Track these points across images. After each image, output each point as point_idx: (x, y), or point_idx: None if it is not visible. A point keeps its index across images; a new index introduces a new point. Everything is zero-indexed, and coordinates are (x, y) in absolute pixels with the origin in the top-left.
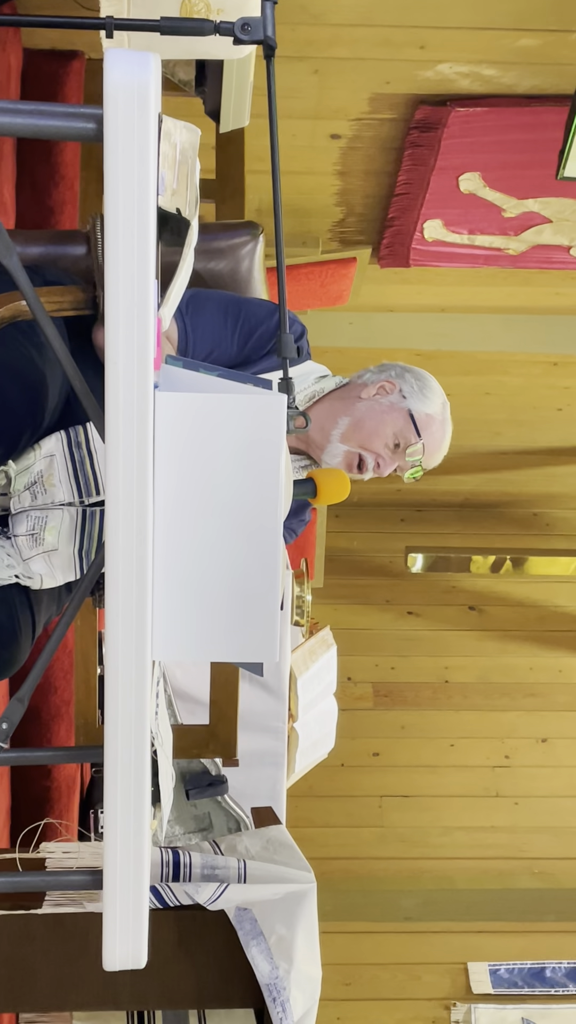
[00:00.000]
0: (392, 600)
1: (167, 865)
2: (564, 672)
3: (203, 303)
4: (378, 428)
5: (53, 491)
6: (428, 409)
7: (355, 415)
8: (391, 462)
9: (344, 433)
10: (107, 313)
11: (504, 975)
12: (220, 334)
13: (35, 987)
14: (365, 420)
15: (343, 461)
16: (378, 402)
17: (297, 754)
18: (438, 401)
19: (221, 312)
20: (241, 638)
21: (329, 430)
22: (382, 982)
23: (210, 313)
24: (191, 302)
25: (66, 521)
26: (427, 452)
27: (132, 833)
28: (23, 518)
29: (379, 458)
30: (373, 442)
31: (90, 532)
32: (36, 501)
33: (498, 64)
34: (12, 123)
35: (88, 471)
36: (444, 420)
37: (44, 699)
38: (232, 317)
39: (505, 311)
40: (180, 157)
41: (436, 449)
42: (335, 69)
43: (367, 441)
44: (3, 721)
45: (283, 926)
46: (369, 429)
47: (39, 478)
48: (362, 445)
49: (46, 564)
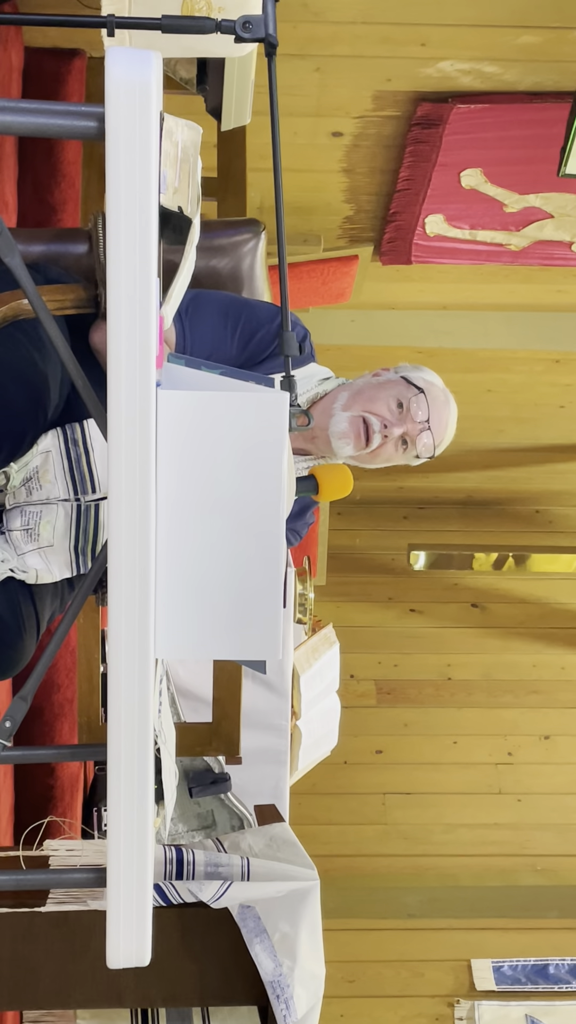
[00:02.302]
0: (395, 597)
1: (171, 863)
2: (567, 669)
3: (203, 305)
4: (378, 392)
5: (48, 487)
6: (426, 376)
7: (353, 388)
8: (398, 424)
9: (345, 403)
10: (109, 311)
11: (507, 972)
12: (219, 336)
13: (39, 985)
14: (364, 388)
15: (350, 428)
16: (376, 378)
17: (300, 751)
18: (436, 377)
19: (221, 314)
20: (244, 636)
21: (330, 407)
22: (385, 979)
23: (209, 315)
24: (191, 304)
25: (61, 517)
26: (432, 412)
27: (136, 831)
28: (18, 513)
29: (384, 420)
30: (375, 404)
31: (85, 528)
32: (31, 496)
33: (499, 61)
34: (14, 122)
35: (84, 468)
36: (445, 391)
37: (47, 697)
38: (232, 319)
39: (507, 308)
40: (182, 155)
41: (442, 412)
42: (336, 67)
43: (369, 404)
44: (6, 719)
45: (286, 923)
46: (369, 394)
47: (35, 473)
48: (365, 408)
49: (42, 559)
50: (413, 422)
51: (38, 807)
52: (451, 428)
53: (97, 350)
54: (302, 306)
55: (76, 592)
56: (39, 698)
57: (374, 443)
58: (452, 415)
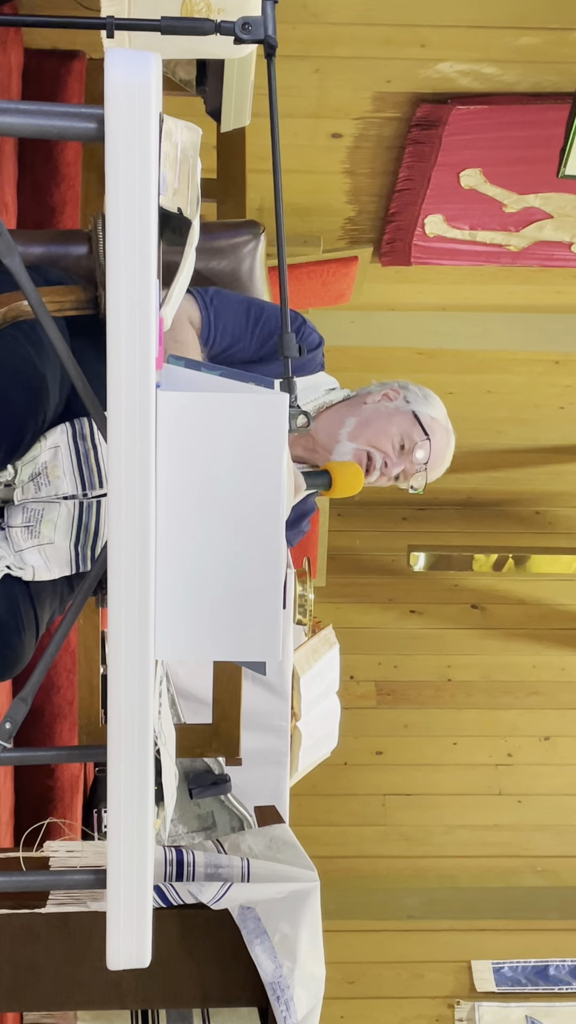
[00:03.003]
0: (394, 599)
1: (171, 864)
2: (567, 670)
3: (229, 298)
4: (385, 427)
5: (57, 483)
6: (433, 413)
7: (362, 415)
8: (398, 463)
9: (352, 432)
10: (109, 313)
11: (508, 973)
12: (241, 331)
13: (39, 986)
14: (372, 419)
15: (352, 459)
16: (384, 405)
17: (300, 753)
18: (442, 410)
19: (244, 310)
20: (244, 637)
21: (336, 431)
22: (386, 980)
23: (234, 309)
24: (216, 296)
25: (63, 515)
26: (433, 454)
27: (136, 832)
28: (19, 510)
29: (387, 457)
30: (380, 440)
31: (87, 526)
32: (39, 493)
33: (499, 63)
34: (13, 123)
35: (92, 463)
36: (448, 430)
37: (47, 698)
38: (254, 317)
39: (506, 309)
40: (181, 156)
41: (441, 454)
42: (336, 68)
43: (374, 438)
44: (6, 721)
45: (287, 925)
46: (376, 427)
47: (43, 469)
48: (370, 442)
49: (40, 556)
50: (412, 463)
51: (38, 808)
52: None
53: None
54: (302, 307)
55: (76, 593)
56: (39, 699)
57: (372, 478)
58: (450, 451)
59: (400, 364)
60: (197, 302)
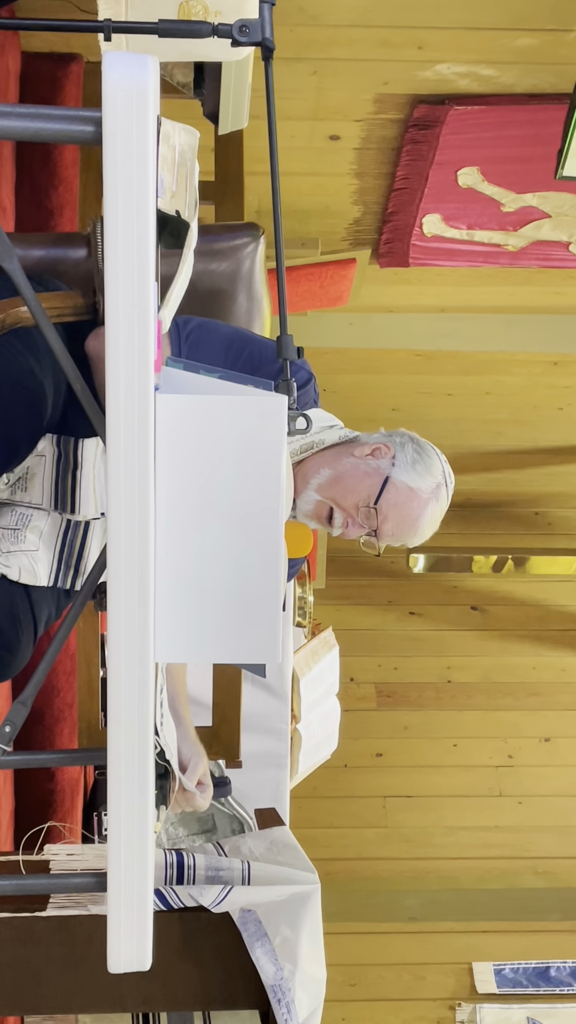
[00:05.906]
0: (394, 600)
1: (171, 867)
2: (567, 671)
3: (207, 335)
4: (355, 486)
5: (32, 491)
6: (414, 483)
7: (337, 469)
8: (358, 527)
9: (322, 484)
10: (107, 315)
11: (509, 975)
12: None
13: (40, 990)
14: (345, 476)
15: (313, 510)
16: (366, 463)
17: (300, 755)
18: (430, 480)
19: (223, 348)
20: (243, 639)
21: (309, 478)
22: (387, 982)
23: (211, 347)
24: (196, 331)
25: (48, 525)
26: (399, 529)
27: (136, 835)
28: (10, 511)
29: (348, 517)
30: (346, 498)
31: (71, 542)
32: (14, 496)
33: (496, 64)
34: (11, 126)
35: (68, 484)
36: (429, 499)
37: (47, 702)
38: (234, 354)
39: (505, 311)
40: (179, 159)
41: (406, 524)
42: (333, 70)
43: (340, 496)
44: (6, 724)
45: (287, 927)
46: (345, 486)
47: (24, 473)
48: (334, 499)
49: (28, 559)
50: (378, 526)
51: (38, 811)
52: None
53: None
54: (300, 309)
55: (75, 598)
56: (39, 702)
57: (334, 532)
58: (426, 517)
59: (399, 366)
60: (172, 338)
